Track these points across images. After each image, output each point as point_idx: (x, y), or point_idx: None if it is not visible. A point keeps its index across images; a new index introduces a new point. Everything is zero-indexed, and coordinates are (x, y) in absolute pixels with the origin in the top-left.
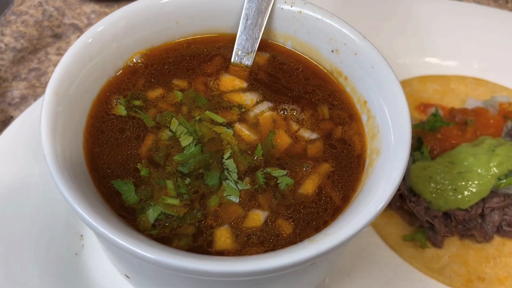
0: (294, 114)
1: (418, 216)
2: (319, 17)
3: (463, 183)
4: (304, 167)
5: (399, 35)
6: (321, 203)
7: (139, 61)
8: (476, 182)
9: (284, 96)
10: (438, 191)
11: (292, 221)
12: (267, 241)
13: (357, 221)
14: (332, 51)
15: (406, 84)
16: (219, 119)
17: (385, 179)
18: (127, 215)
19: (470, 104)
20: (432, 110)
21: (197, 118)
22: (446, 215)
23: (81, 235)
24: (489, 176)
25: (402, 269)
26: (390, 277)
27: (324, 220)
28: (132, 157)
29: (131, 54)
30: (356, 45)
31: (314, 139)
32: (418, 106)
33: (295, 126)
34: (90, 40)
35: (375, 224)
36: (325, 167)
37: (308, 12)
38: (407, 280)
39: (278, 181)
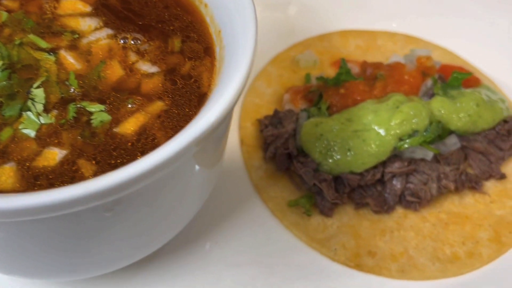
0: (137, 44)
1: (305, 179)
2: None
3: (358, 142)
4: (129, 104)
5: None
6: (139, 145)
7: None
8: (373, 142)
9: (132, 24)
10: (329, 151)
11: (95, 163)
12: (58, 183)
13: (147, 160)
14: None
15: (324, 39)
16: (43, 44)
17: (202, 115)
18: None
19: (392, 61)
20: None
21: (17, 42)
22: (339, 179)
23: None
24: (389, 136)
25: (282, 237)
26: (267, 245)
27: None
28: None
29: None
30: None
31: (152, 73)
32: (334, 62)
33: (133, 58)
34: None
35: (258, 186)
36: (157, 105)
37: None
38: (285, 249)
39: (92, 117)
